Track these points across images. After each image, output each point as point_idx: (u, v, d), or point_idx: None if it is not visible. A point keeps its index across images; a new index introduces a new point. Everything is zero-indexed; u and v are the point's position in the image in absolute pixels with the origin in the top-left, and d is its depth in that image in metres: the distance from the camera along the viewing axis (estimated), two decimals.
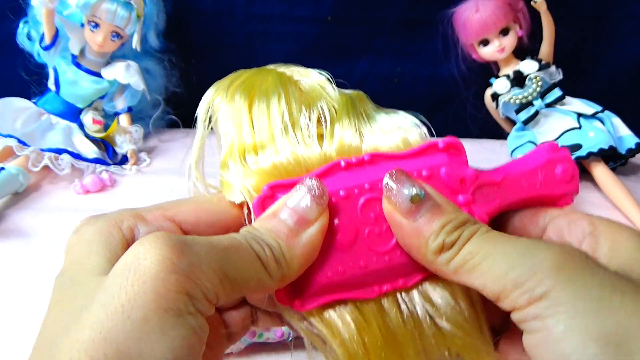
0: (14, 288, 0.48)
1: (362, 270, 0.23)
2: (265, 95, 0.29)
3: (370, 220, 0.24)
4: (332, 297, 0.23)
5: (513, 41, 0.73)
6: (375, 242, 0.24)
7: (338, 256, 0.23)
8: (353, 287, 0.23)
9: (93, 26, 0.70)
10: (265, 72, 0.32)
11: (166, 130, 0.84)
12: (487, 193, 0.24)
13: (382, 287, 0.23)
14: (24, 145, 0.67)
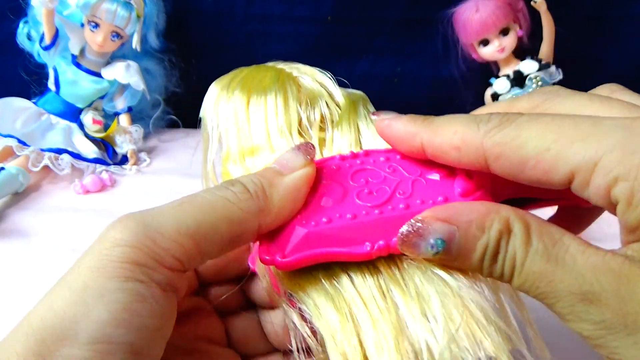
0: (14, 288, 0.48)
1: (350, 222, 0.22)
2: (262, 92, 0.29)
3: (360, 184, 0.23)
4: (318, 251, 0.21)
5: (513, 41, 0.73)
6: (364, 198, 0.22)
7: (323, 210, 0.22)
8: (341, 242, 0.21)
9: (93, 26, 0.70)
10: (265, 68, 0.32)
11: (166, 130, 0.84)
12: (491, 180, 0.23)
13: (374, 243, 0.21)
14: (24, 145, 0.67)
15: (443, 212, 0.21)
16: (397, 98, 0.80)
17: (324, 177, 0.23)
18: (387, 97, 0.35)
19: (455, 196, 0.22)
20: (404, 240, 0.20)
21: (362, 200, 0.22)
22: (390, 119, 0.23)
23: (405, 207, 0.22)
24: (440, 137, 0.22)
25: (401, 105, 0.25)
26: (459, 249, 0.20)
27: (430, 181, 0.23)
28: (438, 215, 0.20)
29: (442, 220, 0.20)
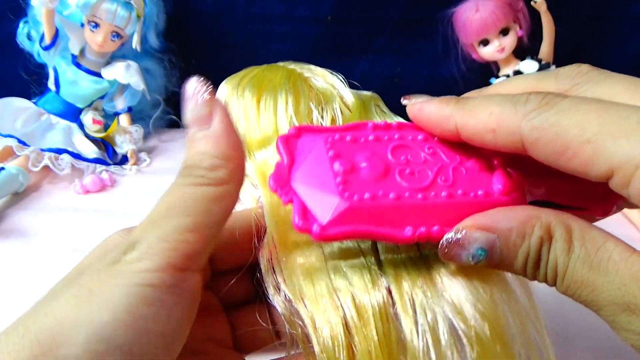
0: (14, 288, 0.48)
1: (393, 203, 0.21)
2: (273, 91, 0.29)
3: (401, 162, 0.22)
4: (358, 228, 0.20)
5: (513, 41, 0.73)
6: (407, 179, 0.22)
7: (365, 185, 0.21)
8: (382, 222, 0.20)
9: (93, 26, 0.70)
10: (276, 68, 0.32)
11: (166, 130, 0.84)
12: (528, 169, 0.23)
13: (417, 228, 0.20)
14: (24, 145, 0.67)
15: (483, 220, 0.20)
16: (397, 98, 0.80)
17: (362, 147, 0.22)
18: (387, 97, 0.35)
19: (495, 193, 0.22)
20: (445, 251, 0.20)
21: (404, 180, 0.22)
22: (422, 103, 0.23)
23: (448, 196, 0.21)
24: (474, 119, 0.21)
25: (401, 104, 0.25)
26: (500, 258, 0.20)
27: (469, 170, 0.23)
28: (478, 223, 0.20)
29: (483, 228, 0.20)
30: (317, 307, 0.22)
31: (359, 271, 0.22)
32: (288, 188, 0.22)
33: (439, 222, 0.21)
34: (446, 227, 0.21)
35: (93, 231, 0.57)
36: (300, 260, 0.23)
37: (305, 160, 0.22)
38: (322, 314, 0.21)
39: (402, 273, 0.22)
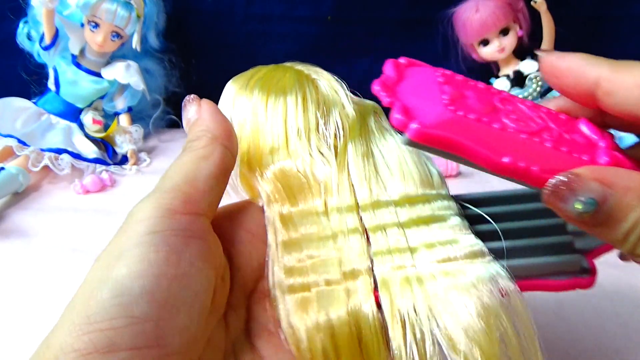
0: (14, 288, 0.48)
1: (496, 131, 0.20)
2: (282, 92, 0.29)
3: (508, 110, 0.22)
4: (457, 138, 0.19)
5: (513, 41, 0.73)
6: (513, 121, 0.21)
7: (471, 108, 0.21)
8: (482, 142, 0.20)
9: (93, 26, 0.70)
10: (283, 68, 0.32)
11: (166, 130, 0.84)
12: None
13: (516, 160, 0.19)
14: (24, 145, 0.67)
15: (600, 172, 0.19)
16: None
17: (471, 87, 0.22)
18: None
19: (602, 164, 0.21)
20: (553, 191, 0.19)
21: (510, 121, 0.21)
22: (561, 53, 0.22)
23: (553, 146, 0.20)
24: (623, 73, 0.20)
25: None
26: (608, 216, 0.18)
27: (574, 139, 0.22)
28: (596, 173, 0.19)
29: (599, 180, 0.18)
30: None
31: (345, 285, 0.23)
32: (392, 92, 0.22)
33: (540, 164, 0.19)
34: (547, 173, 0.19)
35: (93, 231, 0.57)
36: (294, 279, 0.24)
37: (413, 79, 0.23)
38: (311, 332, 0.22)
39: (395, 290, 0.22)
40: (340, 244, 0.24)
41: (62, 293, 0.47)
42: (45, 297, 0.46)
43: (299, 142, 0.27)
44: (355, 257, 0.23)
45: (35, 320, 0.44)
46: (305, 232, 0.25)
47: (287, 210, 0.25)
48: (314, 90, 0.30)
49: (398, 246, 0.24)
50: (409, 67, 0.24)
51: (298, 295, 0.23)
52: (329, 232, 0.24)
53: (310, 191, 0.25)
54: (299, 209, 0.25)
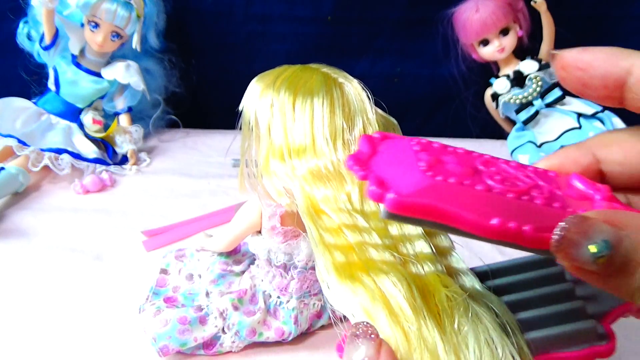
0: (14, 288, 0.48)
1: (480, 193, 0.18)
2: (309, 94, 0.30)
3: (491, 171, 0.20)
4: (440, 205, 0.18)
5: (513, 41, 0.73)
6: (497, 182, 0.19)
7: (451, 172, 0.19)
8: (467, 206, 0.18)
9: (93, 26, 0.70)
10: (310, 70, 0.32)
11: (166, 130, 0.85)
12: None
13: (505, 221, 0.17)
14: (24, 145, 0.67)
15: (609, 214, 0.17)
16: (397, 98, 0.80)
17: (450, 152, 0.21)
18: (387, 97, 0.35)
19: None
20: (563, 236, 0.17)
21: (495, 182, 0.19)
22: (583, 48, 0.22)
23: (544, 203, 0.19)
24: None
25: (401, 104, 0.25)
26: (624, 261, 0.16)
27: (567, 195, 0.20)
28: (605, 215, 0.17)
29: (610, 222, 0.17)
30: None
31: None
32: (365, 166, 0.20)
33: (532, 223, 0.18)
34: (541, 231, 0.17)
35: (93, 231, 0.57)
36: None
37: (388, 151, 0.22)
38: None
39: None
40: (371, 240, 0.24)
41: (62, 293, 0.47)
42: (45, 297, 0.46)
43: (326, 146, 0.27)
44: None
45: (35, 320, 0.44)
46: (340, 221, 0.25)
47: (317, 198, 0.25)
48: (340, 95, 0.30)
49: (423, 252, 0.24)
50: (384, 141, 0.23)
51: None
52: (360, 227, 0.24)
53: (339, 185, 0.26)
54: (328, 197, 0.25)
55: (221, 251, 0.46)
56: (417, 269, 0.23)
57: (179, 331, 0.40)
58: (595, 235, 0.16)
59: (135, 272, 0.50)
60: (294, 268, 0.41)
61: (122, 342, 0.42)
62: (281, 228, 0.38)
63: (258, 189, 0.31)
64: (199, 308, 0.42)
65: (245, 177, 0.33)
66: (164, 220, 0.60)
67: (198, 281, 0.46)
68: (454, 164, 0.20)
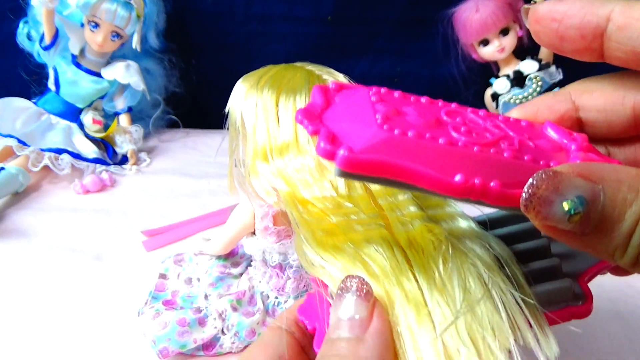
0: (14, 288, 0.48)
1: (442, 147, 0.17)
2: (292, 92, 0.30)
3: (456, 121, 0.19)
4: (395, 162, 0.16)
5: (513, 41, 0.73)
6: (463, 134, 0.18)
7: (411, 125, 0.18)
8: (427, 162, 0.16)
9: (93, 26, 0.70)
10: (294, 68, 0.32)
11: (166, 130, 0.84)
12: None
13: (469, 177, 0.16)
14: (24, 145, 0.67)
15: (584, 167, 0.16)
16: None
17: (411, 102, 0.19)
18: None
19: None
20: (532, 193, 0.15)
21: (459, 133, 0.18)
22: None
23: (513, 156, 0.17)
24: None
25: None
26: (601, 217, 0.15)
27: (539, 146, 0.19)
28: (578, 169, 0.15)
29: (585, 176, 0.15)
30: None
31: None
32: (317, 120, 0.19)
33: (499, 178, 0.16)
34: (509, 187, 0.16)
35: (93, 231, 0.57)
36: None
37: (344, 103, 0.20)
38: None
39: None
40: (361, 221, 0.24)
41: (62, 293, 0.47)
42: (45, 297, 0.46)
43: (308, 143, 0.27)
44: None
45: (35, 320, 0.44)
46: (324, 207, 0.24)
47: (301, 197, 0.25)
48: None
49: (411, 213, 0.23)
50: (340, 91, 0.21)
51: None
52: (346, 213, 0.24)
53: (322, 176, 0.26)
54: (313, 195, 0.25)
55: (218, 254, 0.46)
56: (405, 227, 0.22)
57: (178, 333, 0.40)
58: (568, 191, 0.15)
59: (135, 272, 0.50)
60: (290, 268, 0.41)
61: (122, 343, 0.42)
62: (274, 228, 0.38)
63: (247, 190, 0.31)
64: (198, 310, 0.42)
65: (234, 177, 0.33)
66: (164, 220, 0.60)
67: (197, 285, 0.46)
68: (415, 115, 0.18)
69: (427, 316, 0.19)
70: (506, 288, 0.19)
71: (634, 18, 0.18)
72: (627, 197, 0.15)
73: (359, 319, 0.18)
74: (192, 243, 0.54)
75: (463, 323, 0.19)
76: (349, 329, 0.18)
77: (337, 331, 0.19)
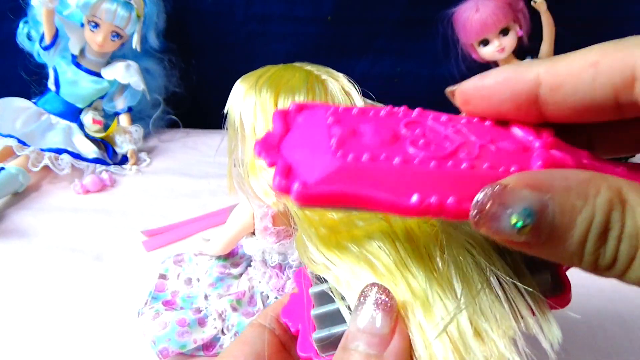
0: (14, 288, 0.48)
1: (398, 166, 0.17)
2: (291, 92, 0.29)
3: (415, 134, 0.18)
4: (351, 190, 0.16)
5: (513, 41, 0.73)
6: (419, 147, 0.18)
7: (365, 146, 0.17)
8: (382, 186, 0.16)
9: (93, 26, 0.70)
10: (292, 68, 0.32)
11: (166, 130, 0.85)
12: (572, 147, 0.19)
13: (426, 197, 0.16)
14: (24, 145, 0.67)
15: (532, 177, 0.16)
16: (397, 98, 0.80)
17: (369, 119, 0.19)
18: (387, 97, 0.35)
19: (535, 169, 0.17)
20: (480, 210, 0.15)
21: (416, 148, 0.18)
22: (479, 75, 0.20)
23: (470, 167, 0.17)
24: (567, 60, 0.17)
25: (401, 104, 0.25)
26: (552, 226, 0.15)
27: (501, 149, 0.18)
28: (526, 179, 0.15)
29: (532, 186, 0.15)
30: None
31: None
32: (274, 151, 0.19)
33: (457, 194, 0.16)
34: (468, 201, 0.16)
35: (93, 231, 0.57)
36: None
37: (299, 130, 0.20)
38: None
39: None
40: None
41: (62, 293, 0.47)
42: (45, 297, 0.46)
43: None
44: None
45: (35, 320, 0.44)
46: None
47: None
48: (323, 92, 0.30)
49: None
50: (300, 113, 0.20)
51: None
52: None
53: None
54: None
55: (218, 254, 0.46)
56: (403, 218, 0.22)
57: (178, 333, 0.40)
58: (515, 204, 0.15)
59: (135, 272, 0.50)
60: (289, 268, 0.41)
61: (122, 343, 0.42)
62: (273, 228, 0.38)
63: (246, 190, 0.31)
64: (198, 310, 0.42)
65: (233, 178, 0.33)
66: (164, 220, 0.60)
67: (197, 285, 0.46)
68: (372, 134, 0.18)
69: (433, 312, 0.19)
70: (505, 275, 0.19)
71: (563, 75, 0.18)
72: (576, 204, 0.15)
73: (380, 334, 0.18)
74: (192, 243, 0.54)
75: (465, 316, 0.18)
76: (368, 344, 0.18)
77: (356, 342, 0.18)
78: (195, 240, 0.53)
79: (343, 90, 0.31)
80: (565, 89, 0.18)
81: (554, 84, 0.18)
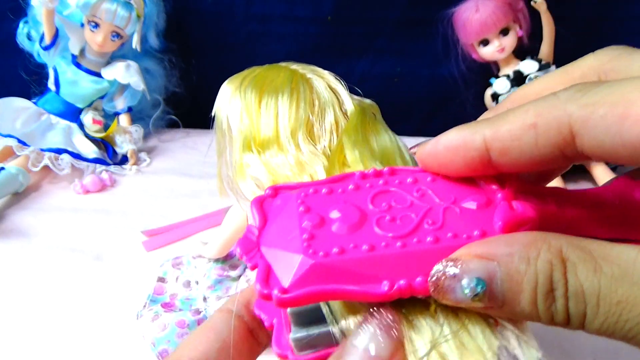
0: (14, 288, 0.48)
1: (366, 255, 0.18)
2: (274, 92, 0.29)
3: (382, 208, 0.20)
4: (325, 288, 0.18)
5: (513, 41, 0.73)
6: (385, 227, 0.19)
7: (334, 239, 0.19)
8: (354, 278, 0.18)
9: (93, 26, 0.70)
10: (278, 68, 0.32)
11: (166, 130, 0.85)
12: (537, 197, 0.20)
13: (394, 282, 0.17)
14: (24, 145, 0.67)
15: (479, 247, 0.17)
16: (397, 98, 0.80)
17: (337, 199, 0.20)
18: (387, 97, 0.35)
19: (496, 231, 0.18)
20: (436, 285, 0.17)
21: (383, 229, 0.19)
22: (436, 138, 0.20)
23: (434, 240, 0.18)
24: (508, 123, 0.18)
25: (401, 104, 0.25)
26: (503, 291, 0.16)
27: (465, 210, 0.20)
28: (474, 251, 0.17)
29: (479, 256, 0.17)
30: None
31: None
32: (255, 252, 0.20)
33: (423, 272, 0.17)
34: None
35: (93, 231, 0.57)
36: None
37: (275, 221, 0.21)
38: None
39: None
40: None
41: (62, 293, 0.47)
42: (45, 297, 0.46)
43: (288, 143, 0.27)
44: None
45: (35, 320, 0.44)
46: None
47: None
48: (308, 90, 0.30)
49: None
50: (276, 197, 0.21)
51: None
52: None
53: (299, 180, 0.25)
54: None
55: (215, 257, 0.46)
56: None
57: (178, 335, 0.40)
58: (465, 275, 0.16)
59: (135, 272, 0.50)
60: None
61: (122, 343, 0.42)
62: None
63: (236, 192, 0.31)
64: (197, 311, 0.42)
65: (223, 180, 0.32)
66: (164, 220, 0.60)
67: (195, 287, 0.46)
68: (340, 220, 0.19)
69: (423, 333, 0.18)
70: None
71: (507, 140, 0.18)
72: (520, 268, 0.16)
73: (378, 357, 0.17)
74: (190, 245, 0.54)
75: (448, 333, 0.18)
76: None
77: (349, 358, 0.17)
78: (193, 244, 0.53)
79: (329, 87, 0.31)
80: (512, 152, 0.18)
81: (501, 149, 0.18)
